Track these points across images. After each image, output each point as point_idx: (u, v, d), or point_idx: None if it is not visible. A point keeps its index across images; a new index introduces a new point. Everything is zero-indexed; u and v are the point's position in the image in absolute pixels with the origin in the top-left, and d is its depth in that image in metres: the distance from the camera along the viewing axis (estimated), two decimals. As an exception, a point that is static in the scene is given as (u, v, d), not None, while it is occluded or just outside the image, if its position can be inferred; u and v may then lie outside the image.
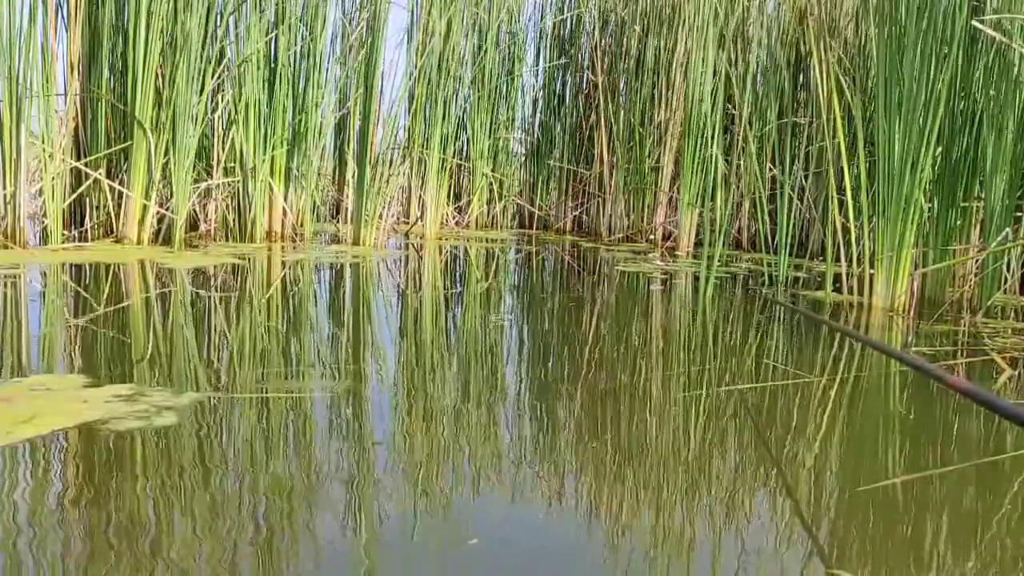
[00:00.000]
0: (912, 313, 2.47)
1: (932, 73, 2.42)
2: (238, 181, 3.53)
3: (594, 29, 5.26)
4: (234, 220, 3.57)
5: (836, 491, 0.96)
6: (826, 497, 0.94)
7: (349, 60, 4.29)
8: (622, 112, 5.07)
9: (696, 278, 3.21)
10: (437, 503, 0.85)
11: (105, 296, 1.98)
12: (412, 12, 4.66)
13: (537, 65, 5.53)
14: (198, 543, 0.73)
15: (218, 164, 3.47)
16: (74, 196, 3.08)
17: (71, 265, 2.47)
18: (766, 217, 3.45)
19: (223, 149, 3.48)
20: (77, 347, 1.46)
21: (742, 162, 4.44)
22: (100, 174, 3.07)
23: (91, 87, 3.09)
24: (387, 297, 2.35)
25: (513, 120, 5.38)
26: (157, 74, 3.08)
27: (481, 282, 2.72)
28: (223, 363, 1.39)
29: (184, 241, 3.16)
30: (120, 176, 3.13)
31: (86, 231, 3.10)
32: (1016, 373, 1.67)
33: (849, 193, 2.81)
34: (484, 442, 1.05)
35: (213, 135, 3.46)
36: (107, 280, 2.23)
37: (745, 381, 1.47)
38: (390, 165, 3.96)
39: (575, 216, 5.50)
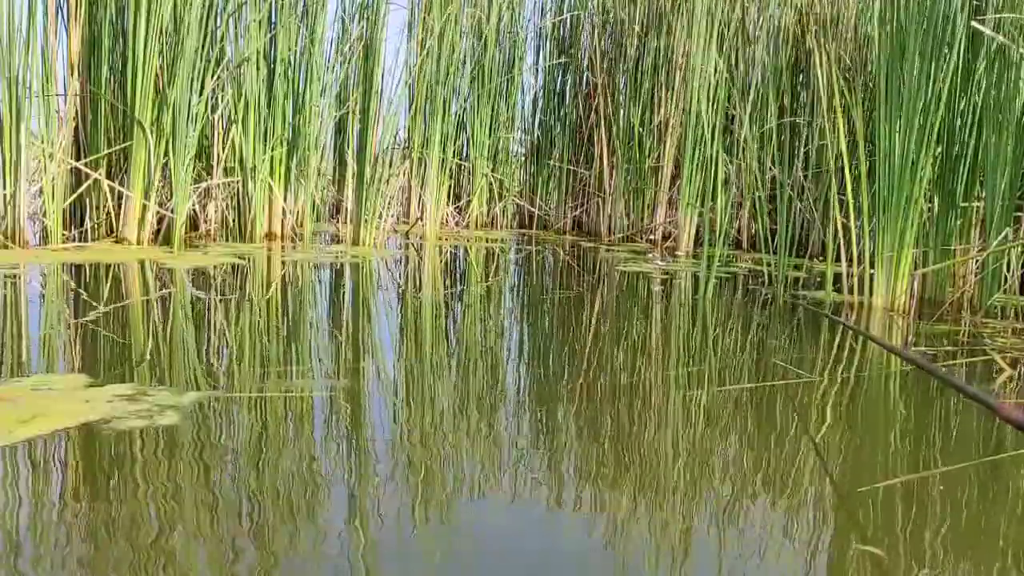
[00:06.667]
0: (912, 313, 2.47)
1: (932, 73, 2.42)
2: (238, 181, 3.53)
3: (593, 29, 5.26)
4: (234, 220, 3.57)
5: (837, 490, 0.96)
6: (828, 496, 0.94)
7: (349, 60, 4.28)
8: (622, 112, 5.07)
9: (696, 278, 3.21)
10: (437, 503, 0.85)
11: (105, 296, 1.98)
12: (412, 11, 4.66)
13: (537, 64, 5.53)
14: (200, 542, 0.73)
15: (218, 164, 3.47)
16: (74, 196, 3.08)
17: (71, 265, 2.47)
18: (766, 217, 3.45)
19: (223, 149, 3.48)
20: (78, 347, 1.46)
21: (742, 162, 4.45)
22: (100, 174, 3.07)
23: (91, 87, 3.08)
24: (387, 297, 2.35)
25: (513, 120, 5.37)
26: (157, 74, 3.08)
27: (481, 282, 2.72)
28: (224, 363, 1.39)
29: (184, 241, 3.16)
30: (120, 176, 3.12)
31: (86, 231, 3.10)
32: (1016, 373, 1.68)
33: (849, 193, 2.81)
34: (485, 442, 1.05)
35: (213, 135, 3.46)
36: (107, 280, 2.23)
37: (746, 381, 1.47)
38: (390, 165, 3.96)
39: (575, 216, 5.50)
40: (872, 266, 2.59)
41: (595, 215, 5.32)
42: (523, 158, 5.62)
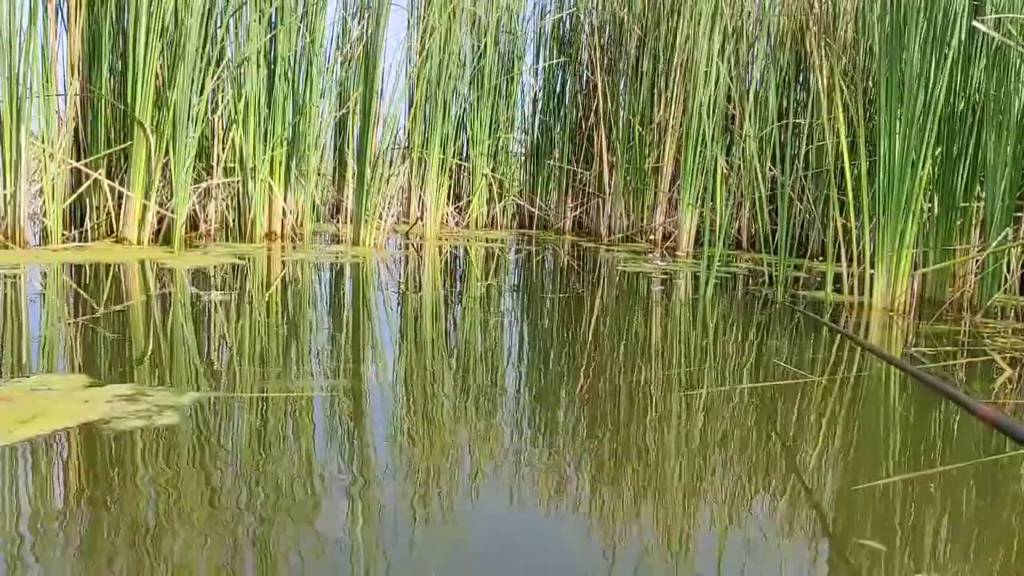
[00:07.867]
0: (912, 313, 2.47)
1: (932, 73, 2.42)
2: (238, 181, 3.53)
3: (593, 29, 5.26)
4: (234, 220, 3.57)
5: (837, 490, 0.96)
6: (827, 496, 0.94)
7: (349, 60, 4.29)
8: (622, 112, 5.07)
9: (696, 278, 3.21)
10: (438, 503, 0.85)
11: (105, 296, 1.98)
12: (412, 11, 4.67)
13: (537, 64, 5.53)
14: (199, 542, 0.73)
15: (218, 164, 3.47)
16: (74, 196, 3.08)
17: (71, 265, 2.47)
18: (766, 217, 3.45)
19: (223, 149, 3.48)
20: (78, 347, 1.46)
21: (742, 162, 4.45)
22: (100, 174, 3.07)
23: (91, 87, 3.09)
24: (387, 297, 2.35)
25: (513, 120, 5.37)
26: (157, 74, 3.08)
27: (481, 282, 2.72)
28: (224, 363, 1.39)
29: (184, 241, 3.16)
30: (120, 176, 3.13)
31: (86, 231, 3.10)
32: (1016, 373, 1.67)
33: (849, 193, 2.81)
34: (485, 442, 1.06)
35: (213, 135, 3.46)
36: (107, 280, 2.23)
37: (746, 381, 1.47)
38: (390, 165, 3.96)
39: (575, 216, 5.50)
40: (872, 266, 2.59)
41: (595, 215, 5.32)
42: (523, 158, 5.62)
